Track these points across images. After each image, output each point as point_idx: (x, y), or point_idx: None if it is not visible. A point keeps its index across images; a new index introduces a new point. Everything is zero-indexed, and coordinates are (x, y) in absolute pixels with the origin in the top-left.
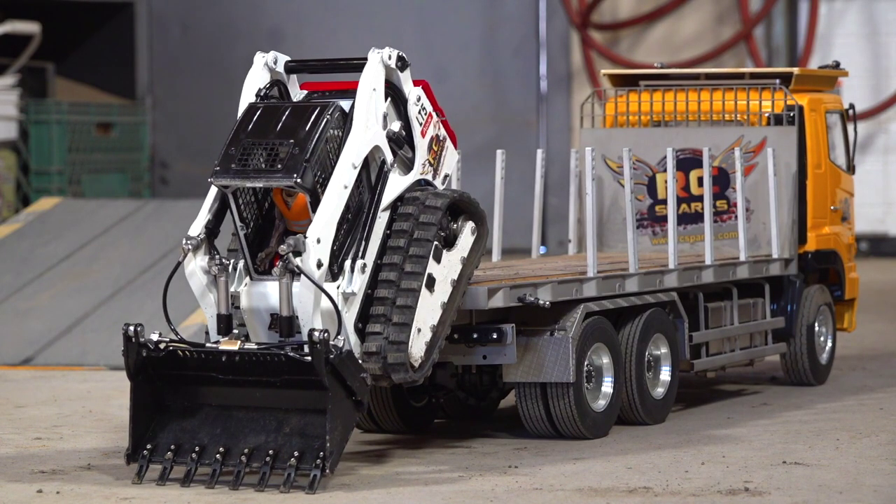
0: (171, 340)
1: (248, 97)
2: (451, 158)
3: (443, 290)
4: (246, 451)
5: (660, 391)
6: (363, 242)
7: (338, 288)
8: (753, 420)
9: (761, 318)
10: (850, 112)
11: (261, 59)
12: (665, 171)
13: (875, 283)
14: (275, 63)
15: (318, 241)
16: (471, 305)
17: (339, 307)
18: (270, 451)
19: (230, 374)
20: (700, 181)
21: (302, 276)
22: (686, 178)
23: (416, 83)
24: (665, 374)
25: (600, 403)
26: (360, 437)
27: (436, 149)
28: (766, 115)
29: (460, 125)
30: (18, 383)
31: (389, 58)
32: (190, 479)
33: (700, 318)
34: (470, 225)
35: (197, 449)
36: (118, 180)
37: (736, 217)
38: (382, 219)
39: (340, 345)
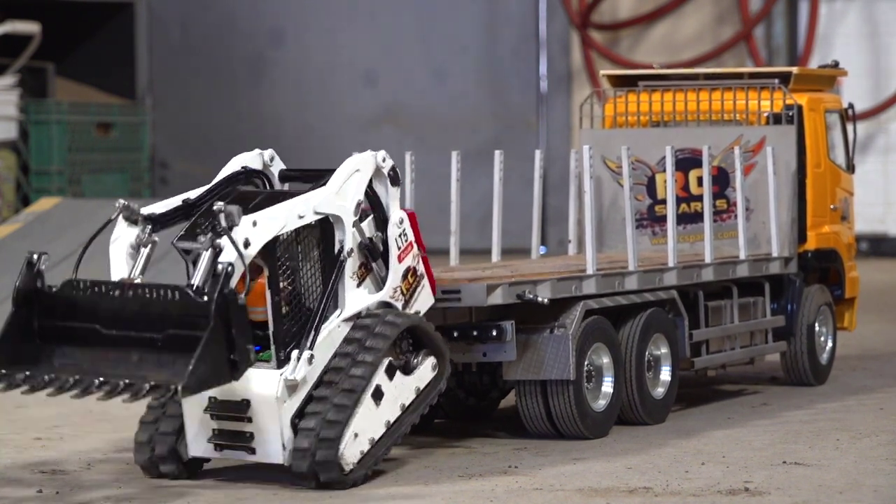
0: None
1: (231, 168)
2: (425, 299)
3: (390, 409)
4: (101, 379)
5: (660, 391)
6: (313, 333)
7: (281, 375)
8: (753, 420)
9: (761, 317)
10: (850, 111)
11: (257, 151)
12: (665, 171)
13: (875, 283)
14: (270, 160)
15: (255, 223)
16: (470, 302)
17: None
18: (126, 381)
19: (113, 326)
20: (700, 181)
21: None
22: (686, 178)
23: (410, 214)
24: (665, 374)
25: (600, 403)
26: None
27: (411, 280)
28: (766, 114)
29: (460, 125)
30: None
31: (384, 160)
32: (34, 391)
33: (700, 316)
34: (431, 360)
35: (52, 375)
36: (118, 180)
37: (736, 217)
38: (342, 329)
39: (242, 297)
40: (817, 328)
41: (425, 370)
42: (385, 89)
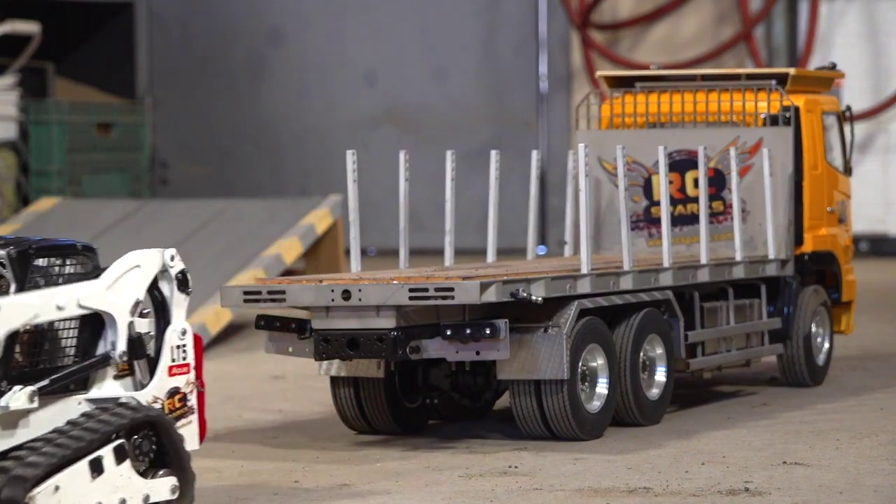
0: None
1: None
2: (188, 438)
3: (106, 495)
4: None
5: (655, 392)
6: (48, 383)
7: None
8: (753, 420)
9: (757, 319)
10: (847, 114)
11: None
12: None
13: (875, 283)
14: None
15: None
16: (464, 300)
17: None
18: None
19: None
20: (696, 183)
21: None
22: (682, 180)
23: (196, 338)
24: (660, 375)
25: (595, 404)
26: (358, 439)
27: (178, 404)
28: (763, 115)
29: (460, 125)
30: None
31: (172, 260)
32: None
33: (696, 317)
34: (171, 481)
35: None
36: (118, 180)
37: (732, 218)
38: (82, 407)
39: None
40: (814, 329)
41: (162, 487)
42: (385, 89)
